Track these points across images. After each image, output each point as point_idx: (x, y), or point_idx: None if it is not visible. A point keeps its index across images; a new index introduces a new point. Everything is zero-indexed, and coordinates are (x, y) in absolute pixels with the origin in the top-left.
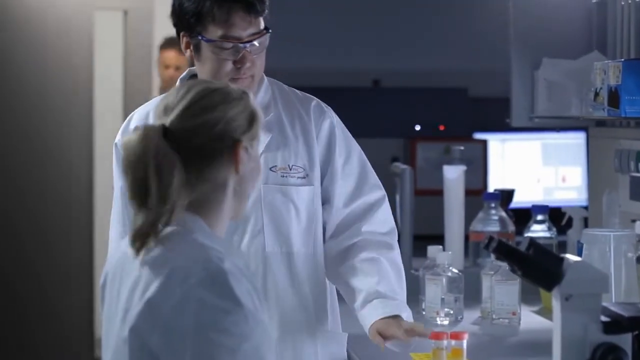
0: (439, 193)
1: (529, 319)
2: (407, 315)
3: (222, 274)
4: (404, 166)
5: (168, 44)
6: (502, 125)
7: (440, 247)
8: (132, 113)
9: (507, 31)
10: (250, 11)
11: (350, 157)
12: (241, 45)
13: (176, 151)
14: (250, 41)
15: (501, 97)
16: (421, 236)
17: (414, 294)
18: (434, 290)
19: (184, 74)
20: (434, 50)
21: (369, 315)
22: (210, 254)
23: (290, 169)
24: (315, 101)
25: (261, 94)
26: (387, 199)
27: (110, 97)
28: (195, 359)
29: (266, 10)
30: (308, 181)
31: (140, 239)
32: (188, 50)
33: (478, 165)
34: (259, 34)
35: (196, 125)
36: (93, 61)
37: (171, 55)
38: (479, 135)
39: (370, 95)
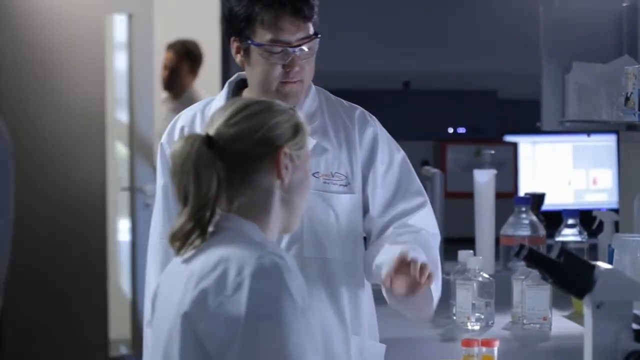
0: (469, 196)
1: (560, 324)
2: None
3: (277, 267)
4: (435, 170)
5: (169, 46)
6: (533, 128)
7: (471, 251)
8: (179, 115)
9: (537, 33)
10: (298, 15)
11: (392, 166)
12: (290, 49)
13: (220, 158)
14: (299, 45)
15: (531, 99)
16: (451, 239)
17: (445, 298)
18: (464, 295)
19: (233, 77)
20: (464, 53)
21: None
22: (265, 250)
23: (333, 176)
24: (359, 110)
25: (308, 102)
26: (429, 205)
27: (119, 99)
28: (244, 347)
29: (315, 16)
30: (349, 189)
31: (180, 239)
32: (238, 55)
33: (508, 168)
34: (308, 39)
35: (238, 131)
36: (105, 64)
37: (168, 56)
38: (509, 138)
39: (400, 97)
